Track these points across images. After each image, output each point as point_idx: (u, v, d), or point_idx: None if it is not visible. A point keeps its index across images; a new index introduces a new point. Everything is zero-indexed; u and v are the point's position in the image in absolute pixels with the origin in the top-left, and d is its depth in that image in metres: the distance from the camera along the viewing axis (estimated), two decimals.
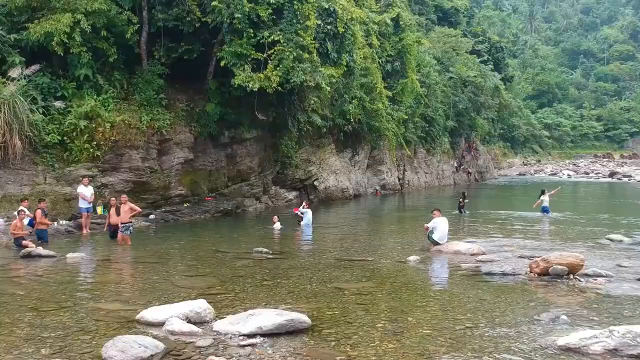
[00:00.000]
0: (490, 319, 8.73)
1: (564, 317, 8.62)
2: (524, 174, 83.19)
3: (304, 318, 8.10)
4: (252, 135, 28.31)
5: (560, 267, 11.69)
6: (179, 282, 11.49)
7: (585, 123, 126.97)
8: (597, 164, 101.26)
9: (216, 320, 8.45)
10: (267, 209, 29.27)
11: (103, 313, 9.11)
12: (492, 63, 67.44)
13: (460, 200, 28.32)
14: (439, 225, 16.24)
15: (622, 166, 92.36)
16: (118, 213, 17.77)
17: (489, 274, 12.31)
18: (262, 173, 30.15)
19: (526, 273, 12.28)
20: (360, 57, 34.14)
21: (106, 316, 8.92)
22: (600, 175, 78.31)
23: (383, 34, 41.55)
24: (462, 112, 57.88)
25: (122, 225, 17.28)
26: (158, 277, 12.10)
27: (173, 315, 8.28)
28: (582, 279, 11.63)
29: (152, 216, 23.04)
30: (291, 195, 32.82)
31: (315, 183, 34.23)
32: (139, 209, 18.25)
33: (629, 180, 68.01)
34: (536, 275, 12.02)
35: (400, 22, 43.10)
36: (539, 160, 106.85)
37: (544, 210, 27.02)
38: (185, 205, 25.21)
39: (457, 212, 27.81)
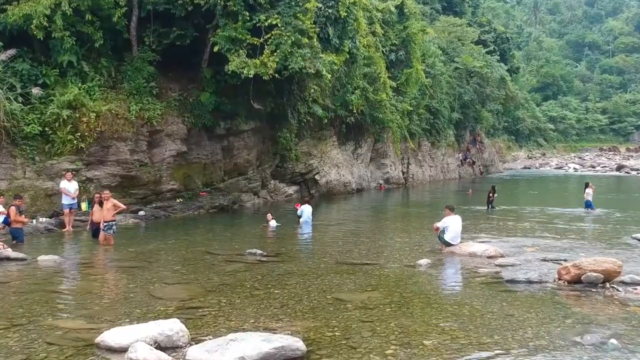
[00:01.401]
0: (522, 343, 7.26)
1: (613, 341, 7.13)
2: (529, 168, 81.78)
3: (297, 344, 6.63)
4: (250, 127, 26.83)
5: (594, 274, 10.20)
6: (157, 292, 10.03)
7: (590, 116, 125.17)
8: (603, 157, 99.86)
9: (191, 344, 6.99)
10: (266, 204, 27.80)
11: (60, 333, 7.65)
12: (498, 54, 65.74)
13: (490, 194, 26.51)
14: (451, 225, 14.70)
15: (629, 159, 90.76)
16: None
17: (512, 281, 10.82)
18: (260, 166, 28.67)
19: (554, 280, 10.79)
20: (364, 45, 32.71)
21: (62, 338, 7.46)
22: (607, 168, 76.94)
23: (387, 22, 40.00)
24: (467, 103, 56.37)
25: (105, 224, 15.72)
26: (135, 286, 10.63)
27: (139, 338, 6.81)
28: (620, 288, 10.15)
29: (141, 212, 21.57)
30: (291, 189, 31.35)
31: (317, 177, 32.75)
32: (123, 206, 16.68)
33: (638, 173, 66.47)
34: (566, 283, 10.54)
35: (405, 10, 41.55)
36: (544, 154, 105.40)
37: (587, 205, 25.39)
38: (177, 200, 23.73)
39: (487, 207, 26.21)
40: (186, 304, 9.25)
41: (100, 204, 16.23)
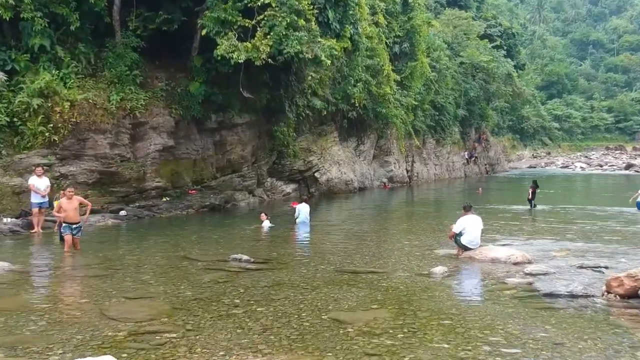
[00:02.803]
0: None
1: None
2: (534, 167, 79.91)
3: None
4: (244, 120, 24.88)
5: None
6: (112, 310, 8.06)
7: (595, 115, 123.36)
8: (610, 156, 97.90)
9: None
10: (262, 204, 25.85)
11: None
12: (505, 48, 63.79)
13: (531, 190, 24.48)
14: (468, 226, 12.66)
15: (636, 158, 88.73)
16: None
17: (550, 295, 8.83)
18: (255, 163, 26.70)
19: (603, 294, 8.80)
20: (366, 36, 30.80)
21: None
22: (615, 167, 75.07)
23: (390, 13, 38.07)
24: (473, 100, 54.53)
25: (75, 226, 13.60)
26: (87, 301, 8.68)
27: None
28: None
29: (122, 212, 19.60)
30: (289, 188, 29.40)
31: (316, 175, 30.79)
32: (88, 203, 14.59)
33: None
34: (618, 297, 8.56)
35: (409, 0, 39.51)
36: (549, 153, 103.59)
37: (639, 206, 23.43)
38: (164, 199, 21.76)
39: (529, 206, 24.29)
40: (143, 326, 7.28)
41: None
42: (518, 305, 8.42)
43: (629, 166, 72.51)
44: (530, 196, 24.40)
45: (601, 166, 78.75)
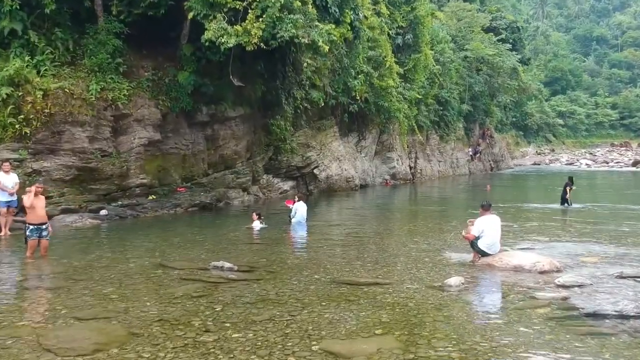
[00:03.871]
0: None
1: None
2: (538, 164, 78.46)
3: None
4: (238, 114, 23.41)
5: None
6: (51, 337, 6.46)
7: (600, 111, 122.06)
8: (615, 153, 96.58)
9: None
10: (257, 202, 24.33)
11: None
12: (509, 43, 62.18)
13: (567, 187, 22.89)
14: (487, 228, 11.00)
15: None
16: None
17: (594, 316, 7.20)
18: (250, 159, 25.19)
19: None
20: (368, 26, 29.30)
21: None
22: (622, 164, 73.59)
23: (393, 3, 36.61)
24: (477, 95, 52.97)
25: (44, 227, 11.95)
26: (27, 323, 7.08)
27: None
28: None
29: (103, 212, 18.05)
30: (286, 185, 27.93)
31: (315, 171, 29.31)
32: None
33: None
34: None
35: None
36: (553, 150, 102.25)
37: None
38: (149, 197, 20.18)
39: (561, 204, 22.78)
40: None
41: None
42: (557, 330, 6.79)
43: (636, 163, 71.06)
44: (566, 194, 22.76)
45: (607, 163, 77.45)
